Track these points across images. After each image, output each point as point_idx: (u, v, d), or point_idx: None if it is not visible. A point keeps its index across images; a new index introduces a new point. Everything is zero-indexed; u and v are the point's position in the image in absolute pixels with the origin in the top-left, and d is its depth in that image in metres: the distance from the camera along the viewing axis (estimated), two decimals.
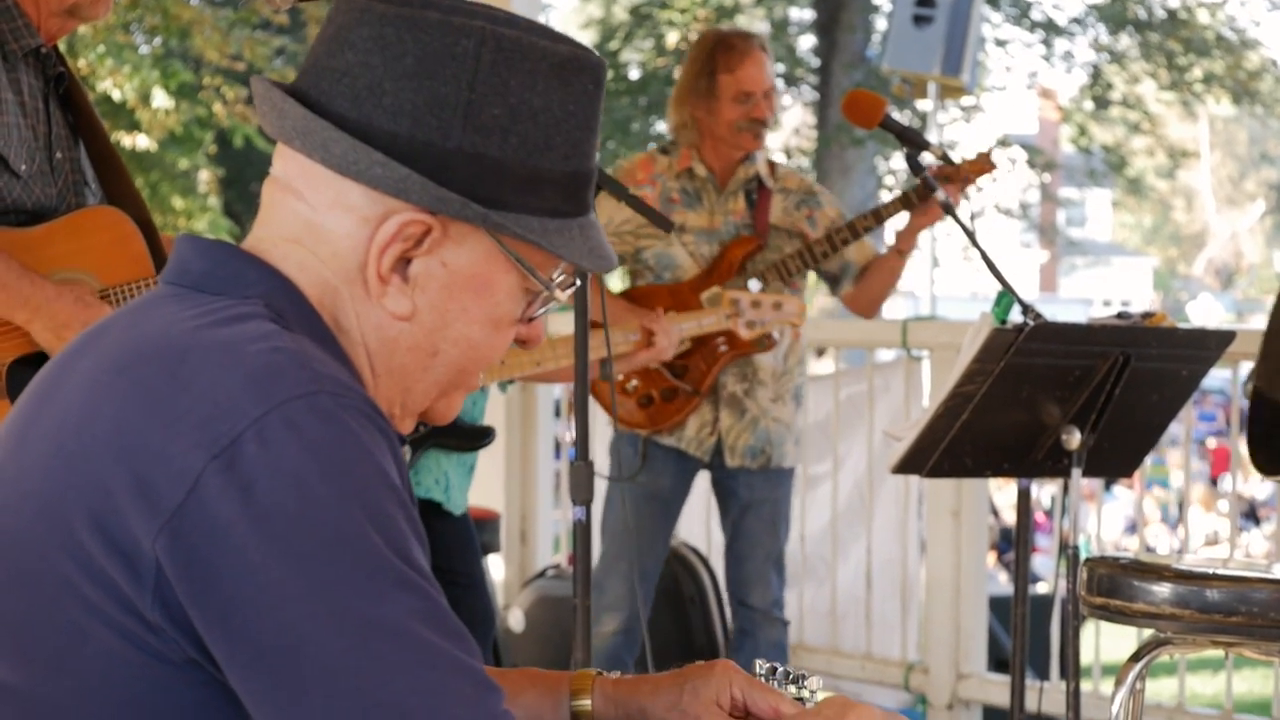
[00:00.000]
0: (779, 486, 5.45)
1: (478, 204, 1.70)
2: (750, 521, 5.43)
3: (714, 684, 1.98)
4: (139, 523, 1.55)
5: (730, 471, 5.37)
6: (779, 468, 5.42)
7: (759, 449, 5.35)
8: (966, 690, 6.66)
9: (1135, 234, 47.51)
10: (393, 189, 1.70)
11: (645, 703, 2.00)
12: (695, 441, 5.30)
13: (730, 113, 5.26)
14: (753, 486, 5.39)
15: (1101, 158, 25.82)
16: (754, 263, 5.25)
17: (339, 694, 1.51)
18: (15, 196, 3.48)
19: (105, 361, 1.66)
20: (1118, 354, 3.90)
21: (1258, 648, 3.15)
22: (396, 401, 1.80)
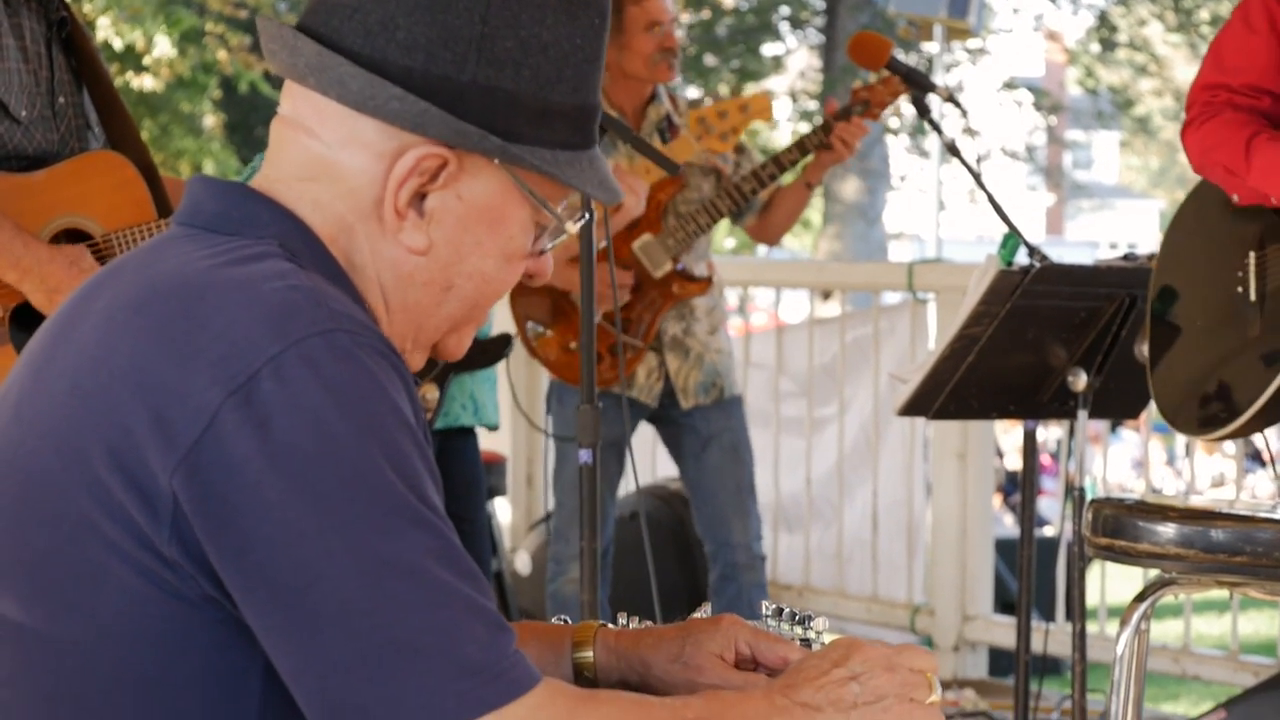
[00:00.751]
0: (733, 415, 5.43)
1: (495, 136, 1.71)
2: (714, 455, 5.38)
3: (719, 638, 1.97)
4: (156, 459, 1.56)
5: (685, 412, 5.33)
6: (731, 397, 5.40)
7: (709, 383, 5.32)
8: (972, 632, 6.68)
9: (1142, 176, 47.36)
10: (411, 123, 1.70)
11: (647, 655, 2.00)
12: (645, 389, 5.27)
13: (644, 45, 5.16)
14: (709, 420, 5.36)
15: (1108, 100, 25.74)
16: (675, 203, 5.21)
17: (353, 631, 1.52)
18: (16, 142, 3.48)
19: (121, 300, 1.66)
20: (1124, 296, 3.90)
21: (1262, 587, 3.16)
22: (409, 337, 1.80)
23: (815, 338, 7.21)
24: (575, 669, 2.02)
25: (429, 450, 1.65)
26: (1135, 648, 3.35)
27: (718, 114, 4.94)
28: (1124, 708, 3.37)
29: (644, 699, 1.64)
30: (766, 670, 1.96)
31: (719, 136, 4.94)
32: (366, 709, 1.52)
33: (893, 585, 6.99)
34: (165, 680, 1.61)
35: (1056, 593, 6.51)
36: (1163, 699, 7.15)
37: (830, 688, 1.70)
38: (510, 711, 1.54)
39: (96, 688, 1.62)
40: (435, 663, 1.53)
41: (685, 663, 1.96)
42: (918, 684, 1.73)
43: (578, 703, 1.58)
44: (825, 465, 7.18)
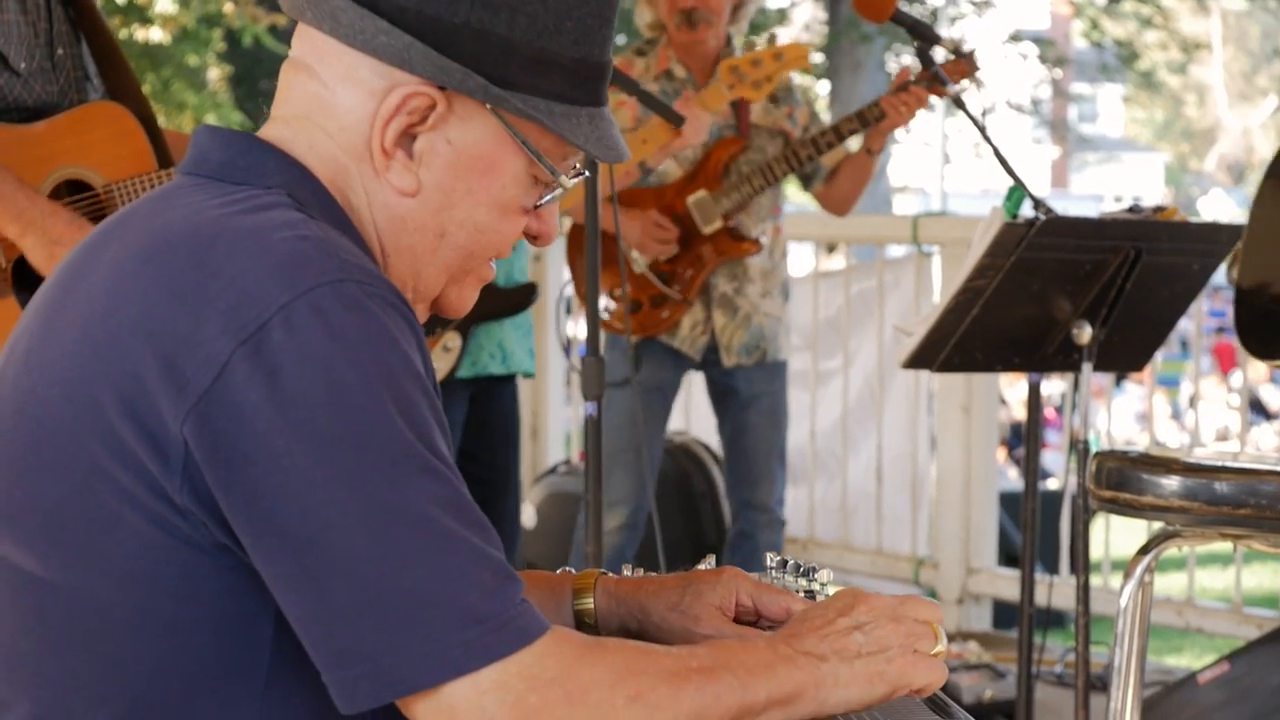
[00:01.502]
0: (775, 379, 5.44)
1: (481, 77, 1.71)
2: (752, 416, 5.41)
3: (719, 589, 1.98)
4: (167, 407, 1.56)
5: (727, 370, 5.35)
6: (774, 361, 5.40)
7: (754, 345, 5.32)
8: (976, 585, 6.70)
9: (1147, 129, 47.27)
10: (396, 59, 1.71)
11: (647, 603, 2.00)
12: (689, 340, 5.28)
13: (666, 6, 5.19)
14: (751, 381, 5.37)
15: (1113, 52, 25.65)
16: (738, 164, 5.21)
17: (360, 579, 1.53)
18: (16, 94, 3.48)
19: (130, 250, 1.67)
20: (1129, 248, 3.90)
21: (1266, 540, 3.17)
22: (408, 285, 1.80)
23: (820, 291, 7.21)
24: (576, 617, 2.03)
25: (438, 400, 1.66)
26: (1139, 600, 3.36)
27: (751, 63, 4.92)
28: (1127, 660, 3.38)
29: (650, 647, 1.65)
30: (769, 622, 1.97)
31: (752, 85, 4.92)
32: (373, 656, 1.53)
33: (897, 538, 7.01)
34: (178, 627, 1.61)
35: (1060, 546, 6.52)
36: (1166, 652, 7.18)
37: (834, 637, 1.71)
38: (517, 660, 1.55)
39: (111, 635, 1.62)
40: (442, 611, 1.54)
41: (683, 612, 1.97)
42: (922, 634, 1.74)
43: (584, 650, 1.59)
44: (830, 418, 7.18)
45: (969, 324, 3.92)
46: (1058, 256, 3.88)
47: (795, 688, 1.66)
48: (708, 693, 1.60)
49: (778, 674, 1.65)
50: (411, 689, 1.54)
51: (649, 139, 4.77)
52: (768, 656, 1.67)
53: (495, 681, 1.54)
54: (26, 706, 1.67)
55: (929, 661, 1.73)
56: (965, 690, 5.40)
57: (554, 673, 1.56)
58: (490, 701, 1.54)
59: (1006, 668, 5.58)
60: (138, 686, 1.63)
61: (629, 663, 1.60)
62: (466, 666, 1.53)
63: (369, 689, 1.54)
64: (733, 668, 1.63)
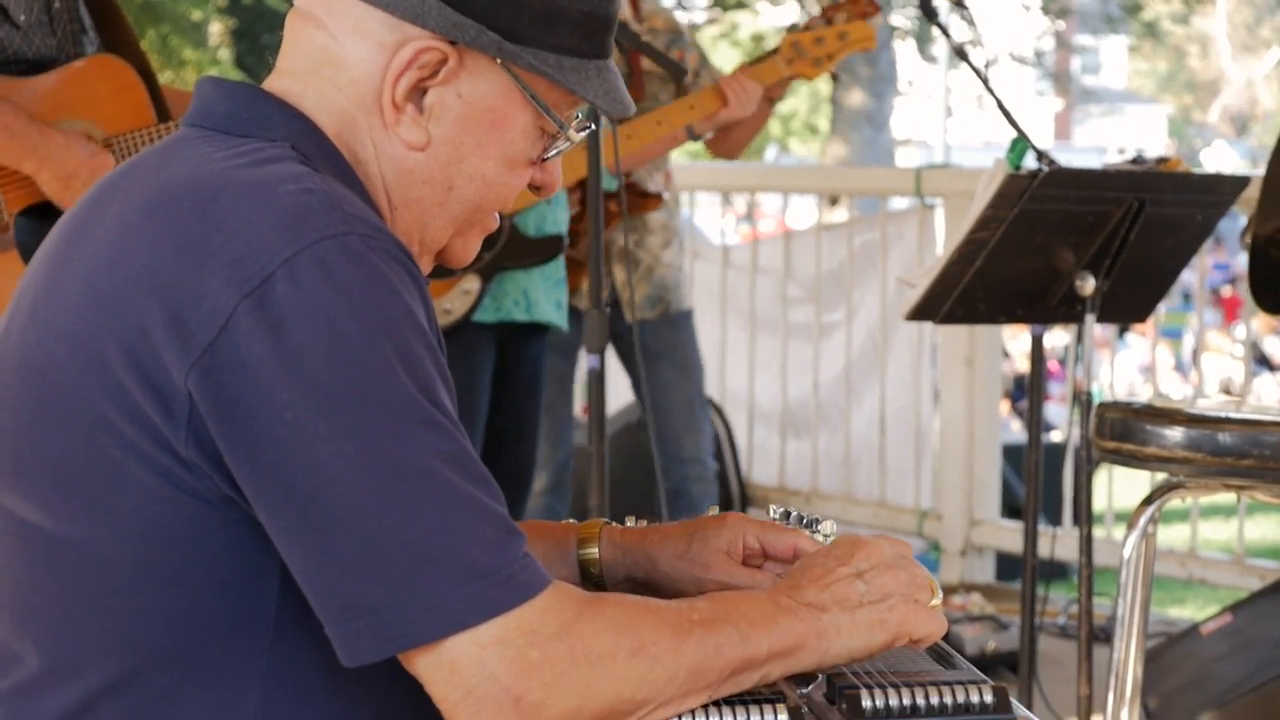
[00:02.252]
0: (682, 330, 5.38)
1: (494, 33, 1.71)
2: (663, 371, 5.34)
3: (725, 534, 1.99)
4: (172, 359, 1.56)
5: (629, 326, 5.20)
6: (679, 312, 5.35)
7: (656, 298, 5.27)
8: (979, 536, 6.70)
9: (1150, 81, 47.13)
10: (409, 13, 1.71)
11: (653, 551, 2.01)
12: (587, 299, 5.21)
13: None
14: (658, 335, 5.31)
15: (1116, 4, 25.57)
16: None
17: (362, 533, 1.53)
18: (16, 47, 3.47)
19: (135, 202, 1.67)
20: (1132, 199, 3.89)
21: (1269, 490, 3.17)
22: (415, 237, 1.81)
23: (823, 243, 7.20)
24: (581, 567, 2.04)
25: (442, 354, 1.66)
26: (1142, 551, 3.36)
27: (814, 40, 4.84)
28: (1130, 611, 3.38)
29: (650, 601, 1.65)
30: (777, 562, 1.97)
31: (811, 62, 4.83)
32: (375, 610, 1.53)
33: (900, 490, 7.01)
34: (185, 579, 1.62)
35: (1063, 497, 6.52)
36: (1169, 603, 7.19)
37: (836, 586, 1.71)
38: (518, 614, 1.55)
39: (116, 588, 1.63)
40: (444, 565, 1.54)
41: (691, 559, 1.97)
42: (922, 584, 1.74)
43: (585, 605, 1.59)
44: (833, 371, 7.18)
45: (972, 276, 3.92)
46: (1061, 208, 3.87)
47: (797, 639, 1.66)
48: (709, 645, 1.61)
49: (779, 625, 1.65)
50: (413, 643, 1.54)
51: (696, 105, 4.75)
52: (769, 608, 1.67)
53: (496, 636, 1.54)
54: (35, 659, 1.68)
55: (929, 611, 1.73)
56: (968, 642, 5.41)
57: (555, 628, 1.56)
58: (491, 656, 1.54)
59: (1009, 619, 5.58)
60: (145, 638, 1.63)
61: (629, 617, 1.60)
62: (468, 621, 1.53)
63: (371, 642, 1.54)
64: (734, 620, 1.63)
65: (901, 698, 1.62)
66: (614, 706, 1.57)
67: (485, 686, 1.54)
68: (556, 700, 1.55)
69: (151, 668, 1.63)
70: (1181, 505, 6.31)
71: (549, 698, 1.55)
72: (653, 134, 4.71)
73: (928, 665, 1.80)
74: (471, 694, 1.54)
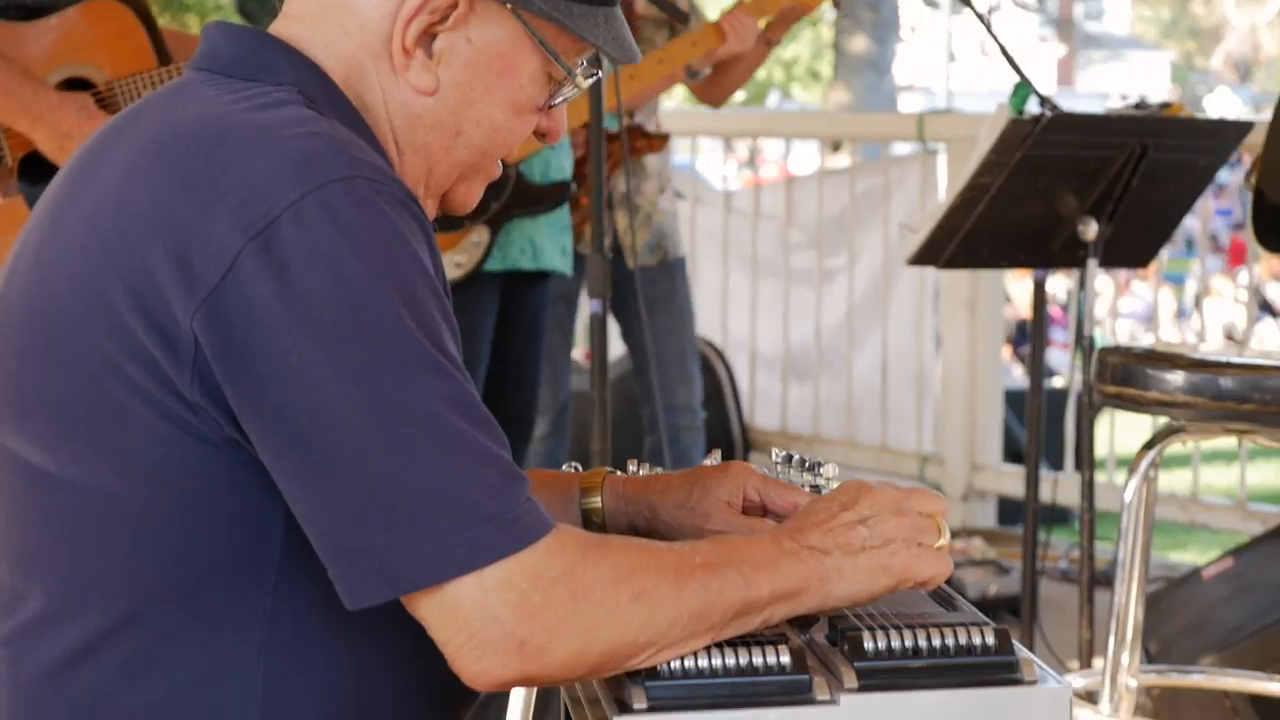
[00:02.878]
0: (678, 277, 5.36)
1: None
2: (660, 318, 5.30)
3: (727, 484, 1.98)
4: (177, 301, 1.56)
5: (628, 274, 5.15)
6: (675, 259, 5.32)
7: (655, 244, 5.24)
8: (981, 481, 6.71)
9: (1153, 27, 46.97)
10: None
11: (655, 500, 2.01)
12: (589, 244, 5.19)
13: None
14: (655, 282, 5.27)
15: None
16: None
17: (367, 476, 1.53)
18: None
19: (141, 145, 1.66)
20: (1135, 144, 3.88)
21: (1271, 434, 3.17)
22: (421, 182, 1.81)
23: (825, 189, 7.19)
24: (584, 516, 2.04)
25: (447, 302, 1.65)
26: (1143, 495, 3.36)
27: None
28: (1131, 555, 3.39)
29: (654, 544, 1.65)
30: (776, 517, 1.97)
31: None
32: (378, 553, 1.53)
33: (902, 435, 7.02)
34: (188, 521, 1.62)
35: (1065, 442, 6.53)
36: (1171, 548, 7.20)
37: (838, 531, 1.70)
38: (522, 558, 1.55)
39: (121, 529, 1.63)
40: (448, 509, 1.54)
41: (692, 508, 1.98)
42: (926, 528, 1.73)
43: (589, 548, 1.59)
44: (835, 316, 7.18)
45: (974, 221, 3.92)
46: (1063, 153, 3.87)
47: (799, 582, 1.66)
48: (711, 589, 1.61)
49: (782, 569, 1.66)
50: (416, 586, 1.54)
51: (698, 42, 4.73)
52: (771, 551, 1.67)
53: (499, 580, 1.54)
54: (40, 599, 1.68)
55: (933, 554, 1.72)
56: (970, 586, 5.42)
57: (558, 571, 1.56)
58: (494, 600, 1.54)
59: (1011, 564, 5.60)
60: (149, 579, 1.64)
61: (632, 560, 1.60)
62: (471, 564, 1.54)
63: (374, 585, 1.54)
64: (736, 563, 1.64)
65: (904, 639, 1.62)
66: (617, 650, 1.58)
67: (488, 630, 1.54)
68: (559, 644, 1.56)
69: (156, 608, 1.64)
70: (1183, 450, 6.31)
71: (552, 641, 1.55)
72: (655, 74, 4.70)
73: (930, 608, 1.80)
74: (474, 637, 1.54)
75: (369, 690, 1.70)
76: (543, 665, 1.56)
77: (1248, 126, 4.10)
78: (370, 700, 1.70)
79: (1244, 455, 6.29)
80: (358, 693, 1.69)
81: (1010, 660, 1.63)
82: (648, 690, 1.58)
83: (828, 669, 1.64)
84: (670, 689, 1.59)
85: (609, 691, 1.64)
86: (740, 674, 1.60)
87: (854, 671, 1.61)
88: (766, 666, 1.60)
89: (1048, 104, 3.97)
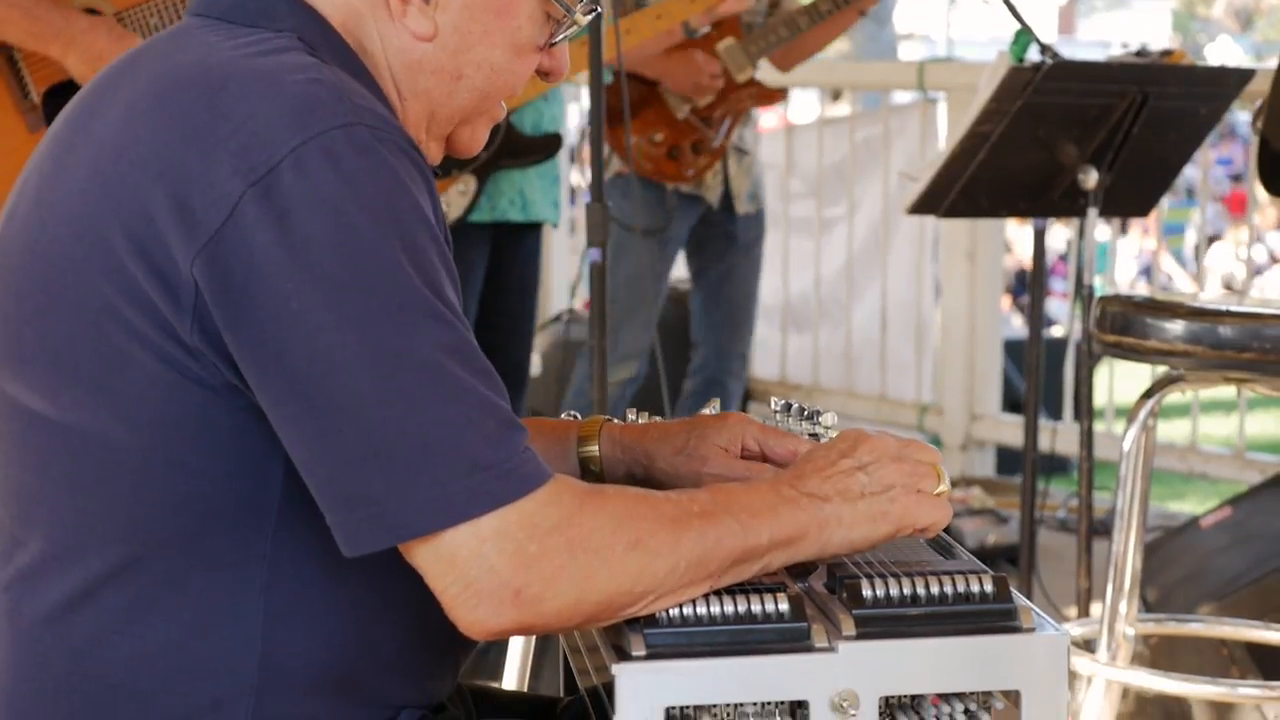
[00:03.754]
0: (763, 226, 5.47)
1: None
2: (744, 263, 5.41)
3: (725, 432, 1.98)
4: (178, 246, 1.56)
5: (734, 218, 5.32)
6: (762, 209, 5.42)
7: (754, 193, 5.33)
8: (980, 431, 6.72)
9: None
10: None
11: (652, 448, 2.01)
12: (711, 188, 5.25)
13: None
14: (750, 229, 5.37)
15: None
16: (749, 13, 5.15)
17: (365, 423, 1.53)
18: None
19: (142, 89, 1.66)
20: (1136, 92, 3.87)
21: (1270, 383, 3.16)
22: (423, 126, 1.81)
23: (825, 138, 7.17)
24: (581, 464, 2.04)
25: (448, 249, 1.65)
26: (1142, 444, 3.36)
27: None
28: (1130, 504, 3.39)
29: (650, 493, 1.65)
30: (775, 465, 1.97)
31: None
32: (376, 500, 1.53)
33: (901, 385, 7.02)
34: (189, 467, 1.62)
35: (1064, 392, 6.54)
36: (1169, 497, 7.21)
37: (837, 478, 1.70)
38: (518, 507, 1.55)
39: (120, 474, 1.63)
40: (446, 457, 1.54)
41: (690, 454, 1.98)
42: (925, 474, 1.73)
43: (586, 498, 1.59)
44: (834, 265, 7.18)
45: (975, 169, 3.91)
46: (1064, 101, 3.86)
47: (798, 529, 1.66)
48: (709, 537, 1.61)
49: (780, 516, 1.65)
50: (413, 534, 1.54)
51: None
52: (770, 499, 1.67)
53: (496, 529, 1.54)
54: (40, 544, 1.68)
55: (933, 500, 1.72)
56: (968, 535, 5.43)
57: (554, 520, 1.56)
58: (490, 549, 1.54)
59: (1010, 513, 5.61)
60: (149, 524, 1.64)
61: (629, 509, 1.60)
62: (468, 513, 1.53)
63: (371, 532, 1.54)
64: (734, 511, 1.63)
65: (902, 587, 1.62)
66: (613, 599, 1.58)
67: (485, 579, 1.54)
68: (556, 593, 1.56)
69: (155, 553, 1.64)
70: (1182, 400, 6.33)
71: (548, 591, 1.55)
72: (652, 29, 4.70)
73: (928, 555, 1.80)
74: (471, 586, 1.54)
75: (368, 636, 1.70)
76: (539, 614, 1.56)
77: (1249, 74, 4.09)
78: (369, 646, 1.71)
79: (1243, 404, 6.30)
80: (356, 639, 1.70)
81: (1008, 608, 1.63)
82: (646, 637, 1.58)
83: (826, 616, 1.64)
84: (669, 636, 1.59)
85: (608, 639, 1.64)
86: (739, 621, 1.60)
87: (852, 619, 1.61)
88: (765, 614, 1.60)
89: (1048, 52, 3.95)
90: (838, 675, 1.58)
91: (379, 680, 1.73)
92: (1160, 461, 5.94)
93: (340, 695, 1.71)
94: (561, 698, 2.08)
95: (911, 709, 1.64)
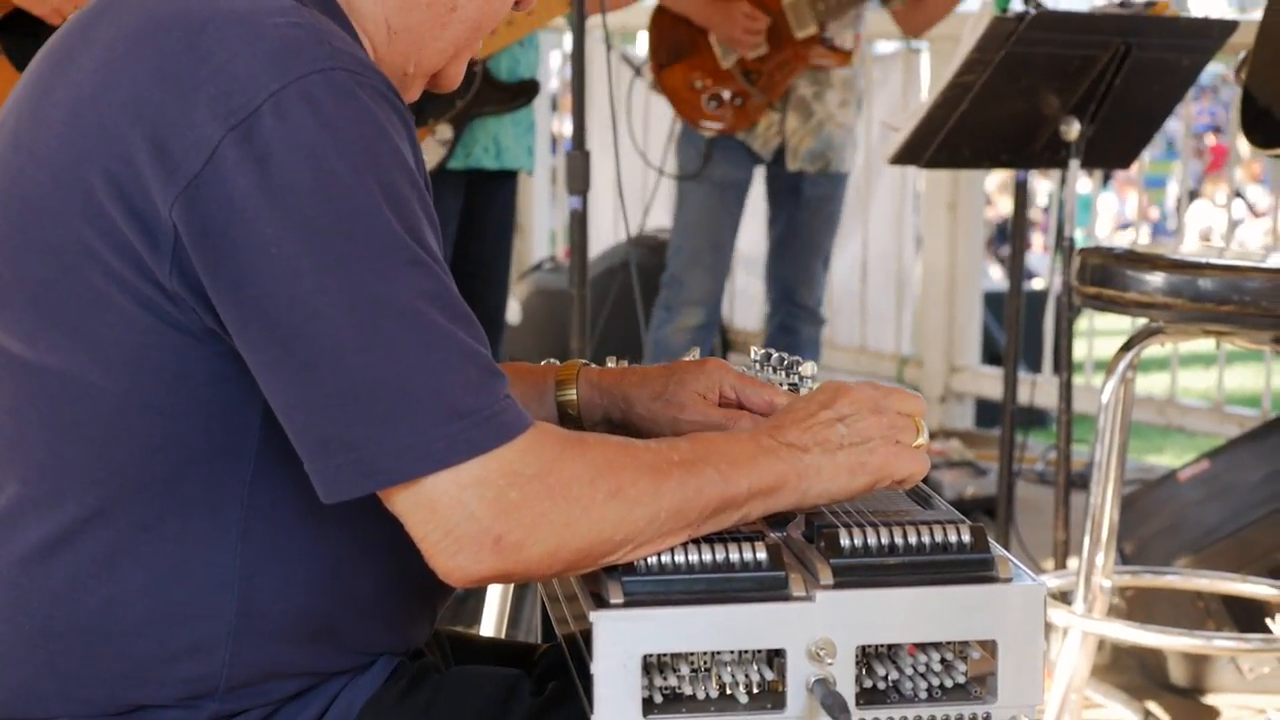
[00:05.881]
0: (838, 189, 5.40)
1: None
2: (808, 217, 5.38)
3: (703, 379, 1.99)
4: (157, 189, 1.55)
5: (790, 173, 5.29)
6: (838, 172, 5.35)
7: (819, 152, 5.25)
8: (959, 383, 6.73)
9: None
10: None
11: (631, 393, 2.01)
12: (762, 140, 5.21)
13: None
14: (816, 185, 5.32)
15: None
16: None
17: (344, 369, 1.52)
18: None
19: (120, 31, 1.64)
20: (1119, 43, 3.87)
21: (1249, 336, 3.17)
22: (411, 61, 1.79)
23: None
24: (559, 409, 2.04)
25: (428, 195, 1.64)
26: (1120, 396, 3.37)
27: None
28: (1108, 457, 3.40)
29: (631, 442, 1.65)
30: (752, 414, 1.97)
31: None
32: (355, 446, 1.53)
33: (881, 336, 7.03)
34: (167, 410, 1.62)
35: (1044, 345, 6.54)
36: (1147, 451, 7.23)
37: (817, 429, 1.70)
38: (499, 454, 1.54)
39: (98, 418, 1.63)
40: (425, 404, 1.53)
41: (668, 400, 1.98)
42: (904, 426, 1.73)
43: (566, 445, 1.59)
44: None
45: (957, 120, 3.90)
46: (1047, 51, 3.85)
47: (777, 479, 1.66)
48: (689, 486, 1.61)
49: (759, 465, 1.66)
50: (392, 480, 1.54)
51: None
52: (749, 448, 1.67)
53: (476, 476, 1.54)
54: (16, 487, 1.68)
55: (911, 453, 1.73)
56: (947, 487, 5.44)
57: (534, 469, 1.55)
58: (470, 496, 1.53)
59: (988, 465, 5.62)
60: (126, 468, 1.63)
61: (609, 458, 1.60)
62: (448, 460, 1.53)
63: (350, 479, 1.54)
64: (714, 460, 1.63)
65: (880, 536, 1.63)
66: (593, 547, 1.58)
67: (465, 526, 1.54)
68: (535, 541, 1.55)
69: (132, 497, 1.64)
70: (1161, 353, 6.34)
71: (528, 538, 1.55)
72: None
73: (907, 505, 1.80)
74: (451, 534, 1.54)
75: (345, 583, 1.70)
76: (519, 561, 1.56)
77: (1232, 25, 4.09)
78: (346, 593, 1.71)
79: (1222, 358, 6.31)
80: (334, 585, 1.70)
81: (985, 558, 1.63)
82: (624, 585, 1.58)
83: (804, 565, 1.64)
84: (646, 584, 1.59)
85: (585, 587, 1.64)
86: (716, 570, 1.60)
87: (830, 568, 1.61)
88: (743, 563, 1.60)
89: (1032, 2, 3.95)
90: (815, 624, 1.59)
91: (357, 626, 1.73)
92: (1139, 414, 5.96)
93: (318, 641, 1.71)
94: (539, 645, 2.08)
95: (888, 658, 1.65)
